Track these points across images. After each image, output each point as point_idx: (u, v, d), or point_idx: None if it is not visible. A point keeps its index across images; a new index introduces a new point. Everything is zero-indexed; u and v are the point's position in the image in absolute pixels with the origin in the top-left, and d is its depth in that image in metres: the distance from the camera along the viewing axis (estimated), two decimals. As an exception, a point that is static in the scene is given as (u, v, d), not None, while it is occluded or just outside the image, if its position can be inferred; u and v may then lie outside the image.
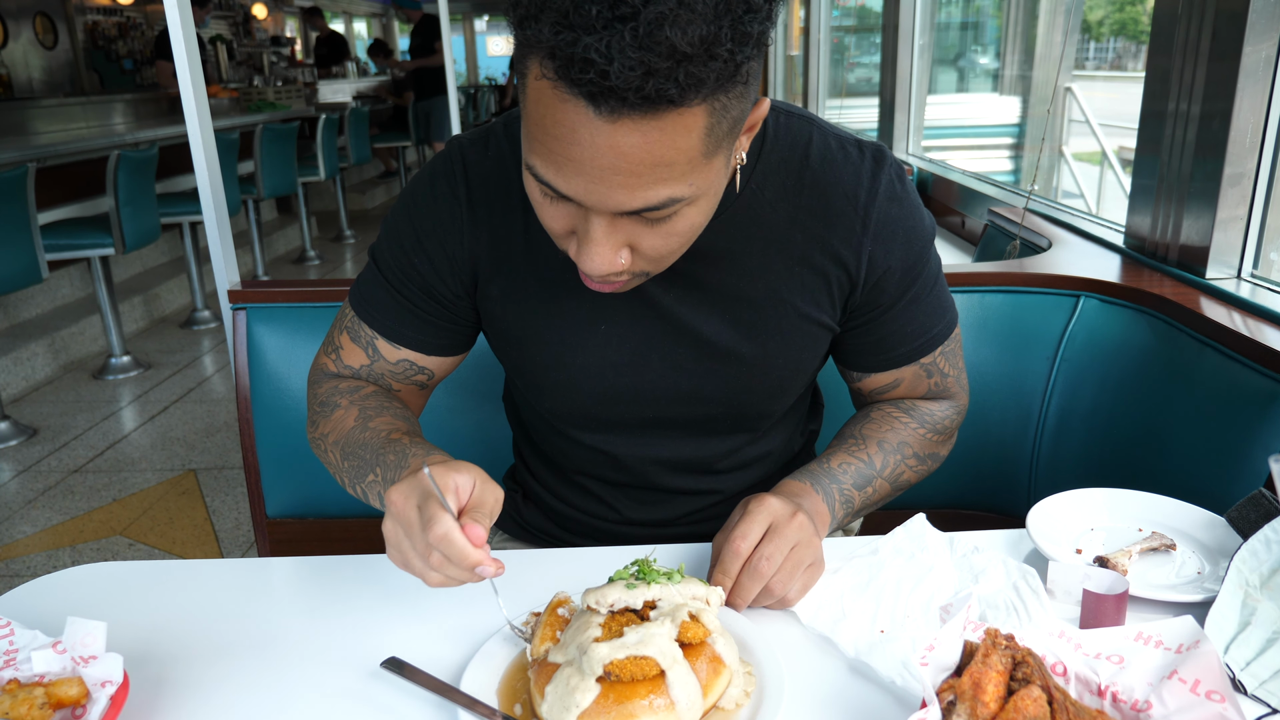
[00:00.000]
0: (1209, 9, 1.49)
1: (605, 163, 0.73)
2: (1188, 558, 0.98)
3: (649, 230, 0.80)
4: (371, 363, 1.10)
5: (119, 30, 11.33)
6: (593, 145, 0.72)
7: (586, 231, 0.79)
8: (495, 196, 1.01)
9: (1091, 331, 1.50)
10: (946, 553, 0.98)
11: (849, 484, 1.07)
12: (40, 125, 6.04)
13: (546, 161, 0.75)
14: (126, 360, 4.62)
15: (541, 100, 0.73)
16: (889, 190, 1.00)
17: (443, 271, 1.03)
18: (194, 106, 1.69)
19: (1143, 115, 1.69)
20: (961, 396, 1.19)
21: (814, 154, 0.99)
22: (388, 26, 20.76)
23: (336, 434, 1.03)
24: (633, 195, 0.75)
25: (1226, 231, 1.54)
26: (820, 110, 5.87)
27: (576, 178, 0.74)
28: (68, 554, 2.92)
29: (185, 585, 1.01)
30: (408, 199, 1.04)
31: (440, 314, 1.06)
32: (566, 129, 0.72)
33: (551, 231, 0.85)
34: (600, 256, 0.80)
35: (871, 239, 1.00)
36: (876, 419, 1.14)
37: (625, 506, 1.17)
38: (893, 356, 1.10)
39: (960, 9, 6.95)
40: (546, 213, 0.83)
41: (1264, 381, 1.18)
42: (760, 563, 0.89)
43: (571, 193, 0.76)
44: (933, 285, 1.08)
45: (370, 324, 1.08)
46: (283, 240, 7.63)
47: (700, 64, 0.68)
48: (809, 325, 1.04)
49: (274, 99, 7.96)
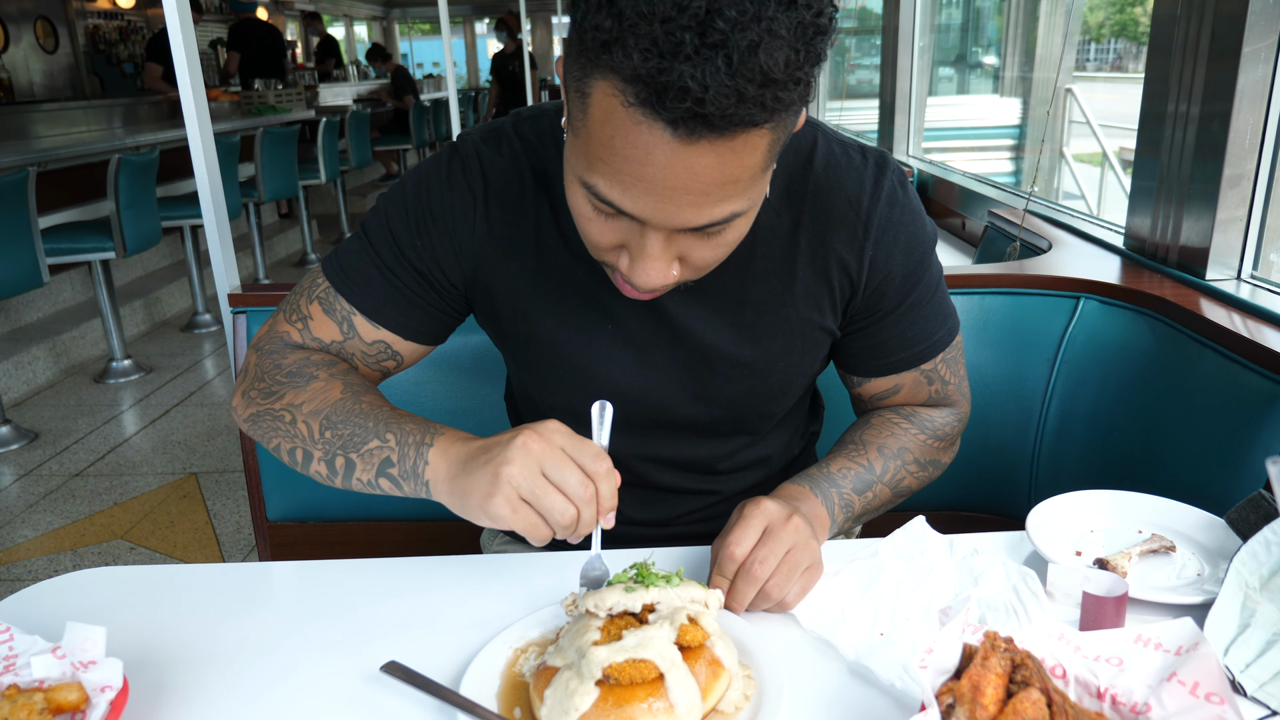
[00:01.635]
0: (1208, 11, 1.49)
1: (678, 183, 0.74)
2: (1188, 560, 0.98)
3: (701, 243, 0.82)
4: (345, 339, 1.05)
5: (120, 34, 11.36)
6: (667, 167, 0.73)
7: (642, 247, 0.81)
8: (509, 196, 1.01)
9: (1092, 333, 1.50)
10: (946, 555, 0.98)
11: (849, 489, 1.07)
12: (41, 129, 6.04)
13: (613, 181, 0.76)
14: (128, 364, 4.63)
15: (612, 121, 0.73)
16: (891, 195, 1.01)
17: (445, 258, 1.02)
18: (194, 110, 1.70)
19: (1142, 116, 1.69)
20: (963, 404, 1.19)
21: (818, 159, 1.00)
22: (388, 30, 20.79)
23: (316, 404, 0.98)
24: (700, 213, 0.77)
25: (1226, 233, 1.54)
26: (821, 113, 5.87)
27: (645, 197, 0.75)
28: (68, 558, 2.92)
29: (185, 589, 1.01)
30: (419, 180, 1.02)
31: (431, 299, 1.05)
32: (640, 150, 0.72)
33: (597, 245, 0.85)
34: (655, 270, 0.82)
35: (873, 243, 1.01)
36: (877, 425, 1.14)
37: (626, 505, 1.17)
38: (893, 361, 1.11)
39: (960, 11, 6.95)
40: (596, 228, 0.82)
41: (1264, 383, 1.18)
42: (754, 566, 0.89)
43: (638, 212, 0.77)
44: (934, 292, 1.08)
45: (350, 299, 1.04)
46: (284, 243, 7.64)
47: (786, 89, 0.70)
48: (810, 329, 1.05)
49: (274, 102, 7.96)
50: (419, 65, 21.30)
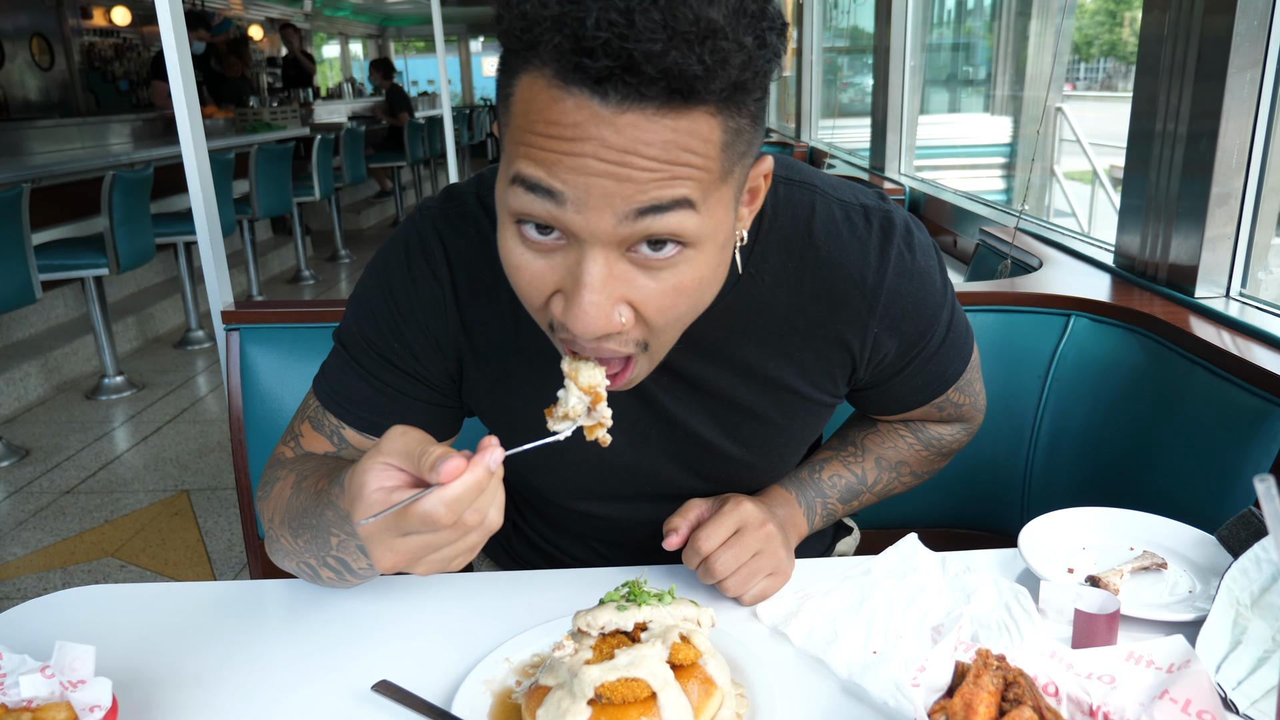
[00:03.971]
0: (1194, 32, 1.51)
1: (612, 158, 0.65)
2: (1179, 577, 0.98)
3: (650, 280, 0.72)
4: (338, 450, 0.99)
5: (115, 51, 11.38)
6: (599, 137, 0.65)
7: (578, 278, 0.70)
8: (478, 278, 0.93)
9: (1083, 350, 1.51)
10: (938, 573, 0.98)
11: (835, 498, 1.10)
12: (36, 146, 6.05)
13: (538, 164, 0.67)
14: (120, 380, 4.61)
15: (536, 104, 0.66)
16: (899, 266, 0.92)
17: (426, 355, 0.95)
18: (188, 128, 1.70)
19: (1131, 135, 1.70)
20: (976, 417, 1.16)
21: (818, 229, 0.91)
22: (383, 48, 20.87)
23: (279, 513, 0.93)
24: (641, 190, 0.66)
25: (1215, 251, 1.55)
26: (814, 131, 5.90)
27: (575, 175, 0.66)
28: (59, 576, 2.90)
29: (175, 608, 1.00)
30: (381, 277, 0.95)
31: (426, 395, 0.98)
32: (567, 126, 0.65)
33: (532, 299, 0.75)
34: (595, 307, 0.70)
35: (879, 320, 0.94)
36: (883, 432, 1.14)
37: (618, 556, 1.17)
38: (904, 405, 1.08)
39: (951, 30, 7.01)
40: (528, 270, 0.73)
41: (1254, 400, 1.18)
42: (715, 564, 0.94)
43: (569, 192, 0.67)
44: (944, 339, 1.00)
45: (338, 414, 0.98)
46: (278, 260, 7.64)
47: (726, 39, 0.63)
48: (809, 405, 1.00)
49: (269, 119, 7.99)
50: (414, 83, 21.36)
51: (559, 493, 1.08)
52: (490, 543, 1.28)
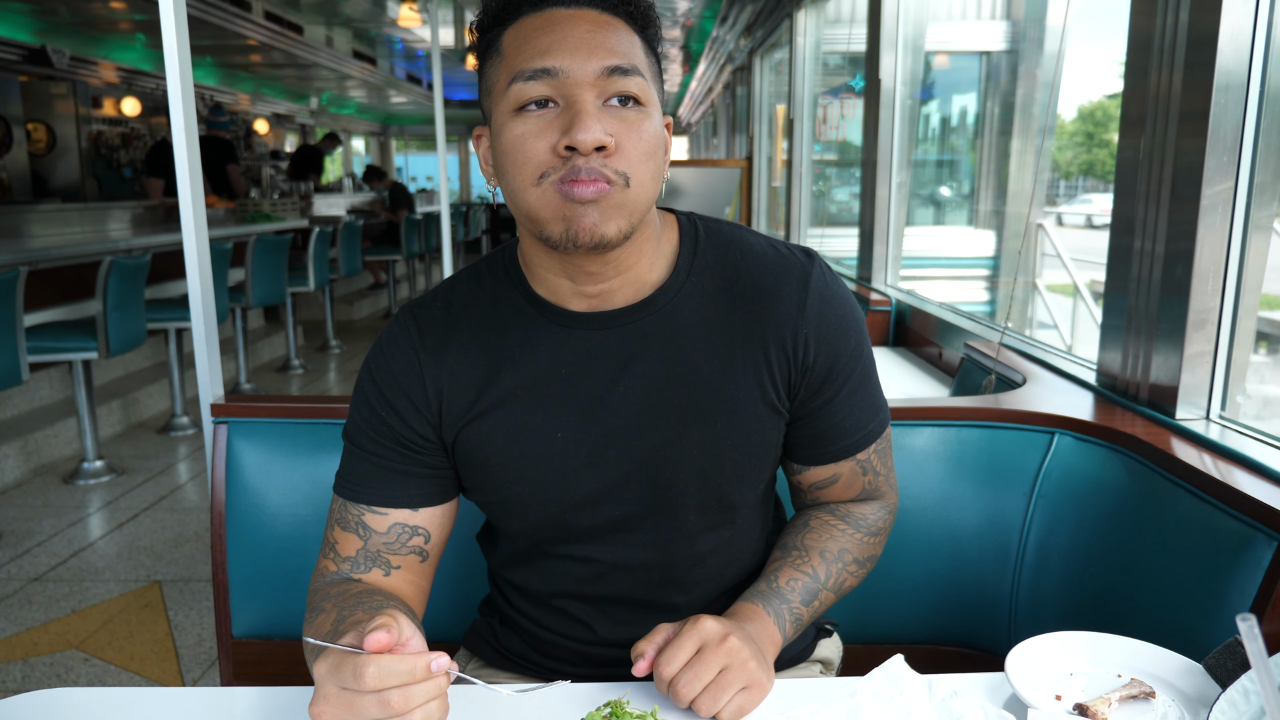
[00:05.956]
0: (1168, 159, 1.56)
1: (579, 37, 0.93)
2: (1168, 706, 0.97)
3: (622, 124, 0.94)
4: (365, 542, 1.08)
5: (122, 140, 11.65)
6: (570, 25, 0.94)
7: (576, 110, 0.92)
8: (448, 334, 1.07)
9: (1067, 469, 1.52)
10: (925, 696, 0.96)
11: (798, 601, 1.11)
12: (36, 229, 6.11)
13: (532, 57, 0.93)
14: (99, 465, 4.55)
15: (520, 31, 0.95)
16: (820, 279, 1.08)
17: (410, 418, 1.06)
18: (191, 221, 1.72)
19: (1110, 254, 1.75)
20: (891, 495, 1.24)
21: (747, 249, 1.09)
22: (385, 145, 21.43)
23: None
24: (611, 53, 0.94)
25: (1194, 372, 1.58)
26: (803, 238, 6.04)
27: (560, 50, 0.93)
28: (18, 669, 2.80)
29: (142, 716, 0.97)
30: (367, 365, 1.10)
31: (417, 462, 1.08)
32: (544, 30, 0.94)
33: (538, 152, 0.94)
34: (591, 119, 0.91)
35: (807, 323, 1.06)
36: (816, 528, 1.19)
37: (601, 626, 1.16)
38: (833, 450, 1.15)
39: (936, 147, 7.27)
40: (534, 135, 0.93)
41: (1237, 525, 1.19)
42: (680, 686, 0.93)
43: (559, 64, 0.92)
44: (867, 379, 1.13)
45: (355, 499, 1.08)
46: (268, 348, 7.65)
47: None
48: (756, 405, 1.07)
49: (269, 211, 8.12)
50: (413, 179, 21.86)
51: (536, 533, 1.12)
52: (474, 639, 1.28)
